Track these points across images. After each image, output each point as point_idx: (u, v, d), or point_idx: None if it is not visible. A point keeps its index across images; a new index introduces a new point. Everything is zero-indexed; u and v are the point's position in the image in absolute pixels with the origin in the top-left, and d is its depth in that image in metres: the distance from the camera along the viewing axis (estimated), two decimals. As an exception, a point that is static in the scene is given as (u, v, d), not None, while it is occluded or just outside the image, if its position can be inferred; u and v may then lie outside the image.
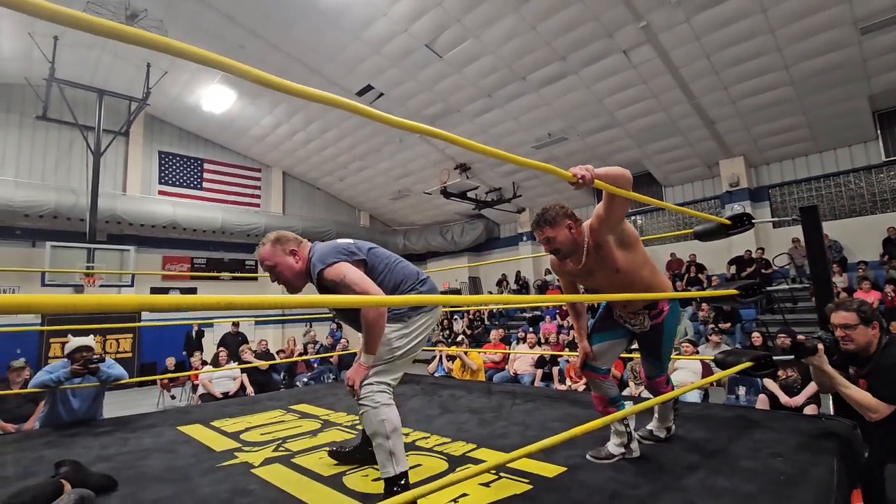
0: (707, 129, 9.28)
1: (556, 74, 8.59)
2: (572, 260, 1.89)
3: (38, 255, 9.60)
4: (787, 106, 8.36)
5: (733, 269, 9.35)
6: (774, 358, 2.37)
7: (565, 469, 1.89)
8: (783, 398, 4.12)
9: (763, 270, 8.66)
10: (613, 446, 1.99)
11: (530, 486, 1.72)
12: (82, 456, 2.38)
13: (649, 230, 11.89)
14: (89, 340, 3.17)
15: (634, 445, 1.99)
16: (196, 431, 2.83)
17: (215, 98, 11.04)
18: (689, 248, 10.49)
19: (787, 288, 8.13)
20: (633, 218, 12.40)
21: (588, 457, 2.00)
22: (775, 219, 7.66)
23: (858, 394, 1.94)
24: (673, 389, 2.14)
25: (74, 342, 3.11)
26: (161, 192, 12.20)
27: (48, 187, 10.10)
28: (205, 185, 13.02)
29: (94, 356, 3.10)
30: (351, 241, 1.89)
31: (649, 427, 2.24)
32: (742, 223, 2.32)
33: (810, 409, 4.01)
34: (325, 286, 1.73)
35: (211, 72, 10.11)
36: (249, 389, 6.09)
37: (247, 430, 2.82)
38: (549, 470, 1.89)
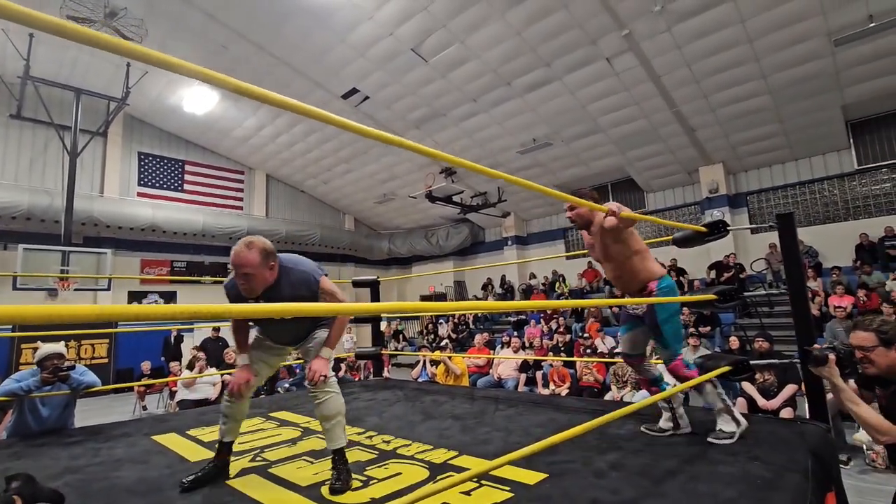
0: (687, 136, 9.46)
1: (541, 80, 8.68)
2: (587, 231, 2.54)
3: (10, 258, 9.31)
4: (765, 114, 8.57)
5: (713, 273, 9.52)
6: (752, 363, 2.41)
7: (547, 475, 1.89)
8: (760, 401, 4.20)
9: (740, 275, 8.84)
10: (664, 422, 2.38)
11: (511, 494, 1.71)
12: (50, 468, 2.29)
13: (632, 235, 12.02)
14: (60, 347, 3.07)
15: (684, 422, 2.35)
16: (171, 441, 2.75)
17: (197, 99, 10.86)
18: (670, 254, 10.65)
19: (764, 294, 8.31)
20: (616, 223, 12.54)
21: (642, 428, 2.42)
22: (751, 225, 7.89)
23: (868, 413, 1.76)
24: (698, 374, 2.28)
25: (45, 349, 3.01)
26: (140, 194, 11.94)
27: (21, 188, 9.80)
28: (186, 186, 12.79)
29: (65, 363, 3.01)
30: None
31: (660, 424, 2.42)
32: (718, 230, 2.37)
33: (786, 413, 4.09)
34: (299, 293, 1.98)
35: (193, 72, 9.95)
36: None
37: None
38: (531, 477, 1.88)
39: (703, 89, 8.23)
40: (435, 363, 6.39)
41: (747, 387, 4.37)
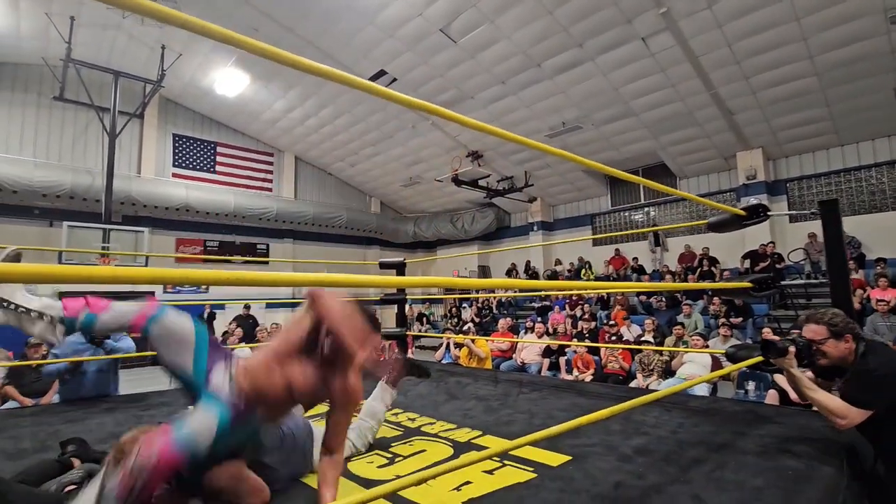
0: (725, 119, 9.08)
1: (572, 61, 8.45)
2: None
3: (56, 235, 9.79)
4: (810, 97, 8.14)
5: (747, 263, 9.20)
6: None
7: (570, 458, 1.90)
8: (793, 395, 4.06)
9: (777, 265, 8.52)
10: None
11: (534, 475, 1.73)
12: (97, 432, 2.44)
13: (662, 222, 11.74)
14: None
15: None
16: (207, 410, 2.88)
17: (229, 81, 11.05)
18: (702, 241, 10.36)
19: (801, 283, 7.98)
20: (645, 209, 12.26)
21: None
22: (792, 212, 7.51)
23: (826, 398, 1.85)
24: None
25: None
26: (175, 175, 12.31)
27: (65, 168, 10.25)
28: (218, 168, 13.11)
29: None
30: None
31: None
32: (757, 214, 2.28)
33: (821, 407, 3.96)
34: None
35: (224, 54, 10.11)
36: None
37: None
38: (554, 459, 1.89)
39: (744, 70, 7.86)
40: (458, 346, 6.45)
41: (780, 379, 4.23)
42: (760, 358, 2.22)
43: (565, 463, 1.85)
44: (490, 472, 1.77)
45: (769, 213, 2.36)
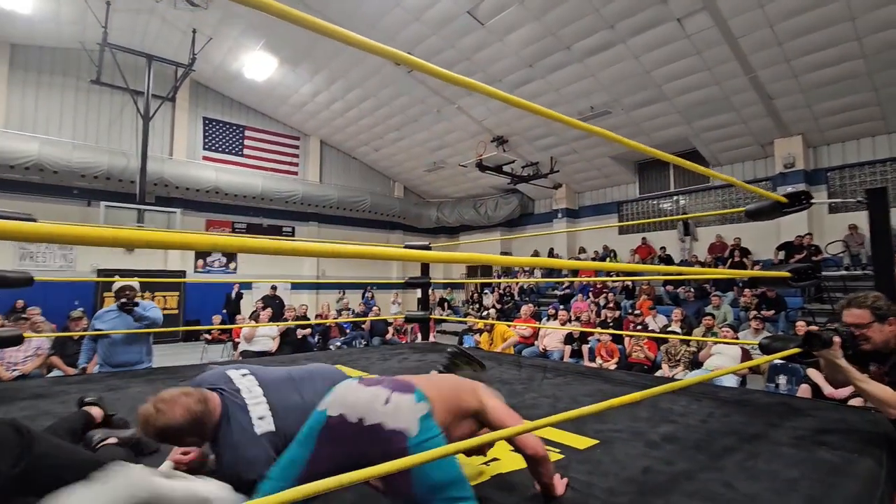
0: (763, 105, 8.71)
1: (604, 43, 8.21)
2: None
3: (94, 214, 10.17)
4: (857, 81, 7.72)
5: (781, 254, 8.90)
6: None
7: (597, 442, 1.90)
8: (827, 389, 3.96)
9: (813, 257, 8.21)
10: None
11: (562, 456, 1.73)
12: (138, 399, 2.55)
13: (693, 211, 11.43)
14: (132, 282, 3.50)
15: None
16: (239, 384, 2.99)
17: (257, 65, 11.17)
18: (735, 232, 10.05)
19: (841, 275, 7.66)
20: (675, 198, 11.95)
21: None
22: (837, 200, 7.13)
23: (878, 389, 1.77)
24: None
25: (120, 283, 3.46)
26: (205, 158, 12.59)
27: (102, 150, 10.59)
28: (246, 151, 13.34)
29: (135, 296, 3.42)
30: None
31: None
32: (800, 201, 2.18)
33: (856, 402, 3.84)
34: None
35: (254, 38, 10.20)
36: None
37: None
38: (581, 442, 1.90)
39: (785, 53, 7.49)
40: (480, 331, 6.47)
41: (813, 373, 4.13)
42: (797, 350, 2.16)
43: (592, 447, 1.85)
44: (516, 450, 1.78)
45: (812, 201, 2.26)
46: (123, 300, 3.34)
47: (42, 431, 1.46)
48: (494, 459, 1.71)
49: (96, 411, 1.83)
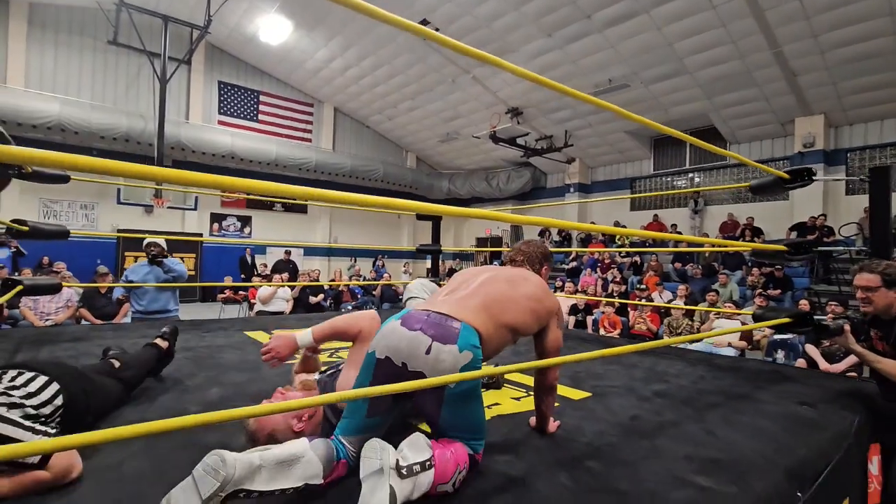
0: (787, 81, 8.50)
1: (626, 13, 8.02)
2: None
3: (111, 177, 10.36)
4: (885, 59, 7.47)
5: (793, 235, 8.86)
6: (816, 317, 2.38)
7: (591, 394, 2.05)
8: (822, 364, 4.08)
9: (825, 239, 8.17)
10: None
11: (557, 404, 1.89)
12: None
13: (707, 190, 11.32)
14: (160, 239, 3.78)
15: None
16: (260, 336, 3.19)
17: (272, 28, 11.07)
18: (748, 211, 9.97)
19: (842, 249, 7.61)
20: (690, 175, 11.83)
21: None
22: (841, 177, 7.02)
23: (891, 365, 1.91)
24: None
25: (150, 239, 3.77)
26: (220, 122, 12.65)
27: (120, 111, 10.71)
28: (260, 117, 13.36)
29: (162, 251, 3.74)
30: None
31: None
32: (802, 178, 2.25)
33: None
34: None
35: (268, 0, 10.10)
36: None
37: (303, 339, 3.15)
38: (577, 395, 2.06)
39: (813, 27, 7.27)
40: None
41: (810, 349, 4.25)
42: (788, 319, 2.28)
43: (587, 398, 2.01)
44: (517, 399, 1.95)
45: (814, 178, 2.32)
46: (154, 254, 3.58)
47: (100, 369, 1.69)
48: (496, 404, 1.87)
49: (162, 343, 2.06)
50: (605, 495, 1.18)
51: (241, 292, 8.77)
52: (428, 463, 1.06)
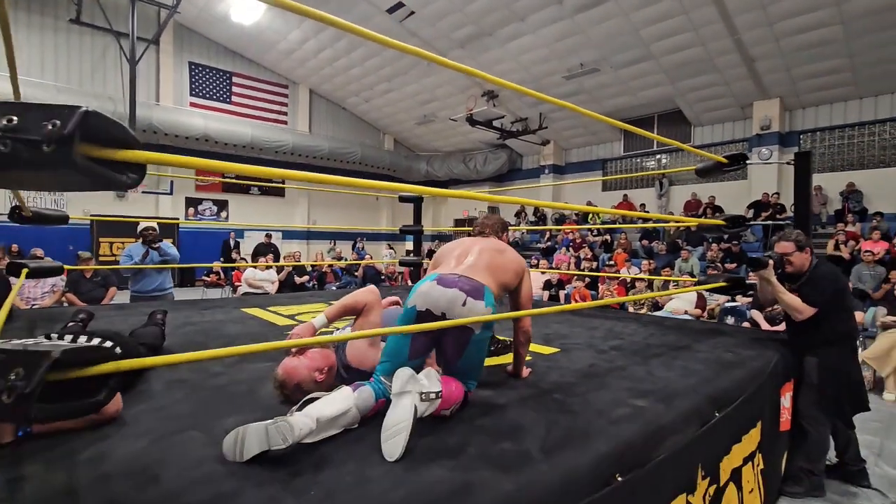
0: (746, 67, 8.98)
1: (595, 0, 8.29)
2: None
3: (84, 160, 10.16)
4: (833, 47, 8.01)
5: (751, 212, 9.47)
6: (748, 282, 2.78)
7: (559, 350, 2.41)
8: (764, 326, 4.59)
9: (778, 215, 8.80)
10: None
11: (530, 358, 2.23)
12: (175, 321, 2.99)
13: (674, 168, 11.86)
14: (153, 224, 4.04)
15: None
16: (258, 312, 3.43)
17: (244, 7, 10.88)
18: (710, 190, 10.54)
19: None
20: (658, 157, 12.34)
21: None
22: (771, 161, 7.82)
23: (790, 298, 2.44)
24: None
25: (144, 223, 4.03)
26: (192, 104, 12.44)
27: (87, 94, 10.42)
28: (234, 99, 13.18)
29: (157, 234, 4.03)
30: None
31: None
32: (737, 162, 2.61)
33: (787, 338, 4.48)
34: None
35: (241, -20, 9.92)
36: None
37: (299, 314, 3.41)
38: (547, 350, 2.40)
39: (768, 16, 7.71)
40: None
41: (755, 314, 4.75)
42: (724, 283, 2.67)
43: (554, 353, 2.36)
44: (496, 354, 2.28)
45: (747, 162, 2.69)
46: (150, 238, 3.78)
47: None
48: (477, 358, 2.19)
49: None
50: (563, 415, 1.51)
51: (224, 276, 8.87)
52: (439, 392, 1.37)
